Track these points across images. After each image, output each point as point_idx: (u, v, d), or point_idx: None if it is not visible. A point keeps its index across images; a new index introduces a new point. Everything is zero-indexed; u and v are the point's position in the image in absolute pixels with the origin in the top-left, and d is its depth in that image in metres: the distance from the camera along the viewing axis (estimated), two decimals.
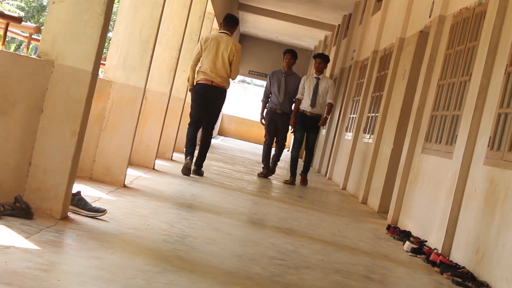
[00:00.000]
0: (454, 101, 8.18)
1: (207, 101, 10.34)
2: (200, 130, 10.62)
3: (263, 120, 13.12)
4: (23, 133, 4.82)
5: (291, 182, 12.74)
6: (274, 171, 13.25)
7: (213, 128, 10.67)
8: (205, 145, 10.53)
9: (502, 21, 7.06)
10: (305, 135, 12.93)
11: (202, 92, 10.30)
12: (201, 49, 10.43)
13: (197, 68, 10.43)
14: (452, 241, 7.09)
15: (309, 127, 12.80)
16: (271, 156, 13.14)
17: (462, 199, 7.11)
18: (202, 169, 10.58)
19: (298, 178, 13.27)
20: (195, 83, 10.41)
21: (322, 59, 12.93)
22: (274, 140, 13.19)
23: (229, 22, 10.69)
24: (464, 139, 7.19)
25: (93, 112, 7.06)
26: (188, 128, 10.50)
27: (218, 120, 10.97)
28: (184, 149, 11.15)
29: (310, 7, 22.51)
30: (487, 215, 6.37)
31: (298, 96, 12.79)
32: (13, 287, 3.20)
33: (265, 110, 13.15)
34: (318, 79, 12.80)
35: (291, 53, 13.06)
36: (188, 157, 10.24)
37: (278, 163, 13.45)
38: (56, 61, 4.92)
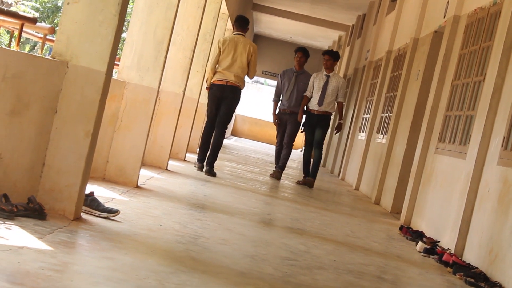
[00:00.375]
0: (468, 101, 8.16)
1: (221, 100, 10.68)
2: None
3: (276, 120, 12.88)
4: (37, 133, 4.84)
5: (304, 183, 12.45)
6: (279, 177, 12.53)
7: (226, 127, 10.90)
8: (217, 144, 10.72)
9: None
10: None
11: (218, 93, 10.66)
12: (220, 50, 10.78)
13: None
14: (465, 242, 7.07)
15: (317, 124, 12.40)
16: (280, 160, 12.73)
17: (475, 200, 7.09)
18: (215, 169, 10.69)
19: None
20: (212, 83, 10.78)
21: (330, 56, 12.56)
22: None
23: (242, 23, 11.06)
24: (477, 139, 7.17)
25: (107, 112, 7.08)
26: (204, 127, 10.98)
27: (231, 120, 11.42)
28: (198, 149, 11.42)
29: (324, 8, 22.49)
30: (500, 215, 6.35)
31: (307, 93, 12.44)
32: (26, 287, 3.21)
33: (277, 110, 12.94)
34: (328, 76, 12.41)
35: (302, 51, 12.72)
36: (199, 162, 10.84)
37: (289, 162, 13.15)
38: (71, 62, 4.94)
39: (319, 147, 12.51)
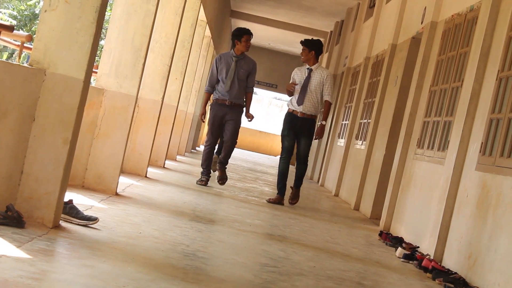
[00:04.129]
0: (446, 107, 8.20)
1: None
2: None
3: (203, 117, 11.26)
4: (15, 141, 4.82)
5: (278, 201, 10.26)
6: (226, 177, 10.80)
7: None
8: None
9: (493, 27, 7.09)
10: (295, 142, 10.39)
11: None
12: None
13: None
14: (444, 247, 7.10)
15: (301, 131, 10.32)
16: (219, 158, 10.84)
17: (454, 205, 7.12)
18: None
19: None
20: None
21: (305, 46, 10.39)
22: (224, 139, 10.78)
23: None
24: (456, 145, 7.21)
25: (85, 120, 7.05)
26: None
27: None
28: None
29: (302, 14, 22.54)
30: (479, 220, 6.38)
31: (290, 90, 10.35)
32: None
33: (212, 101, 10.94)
34: (310, 70, 10.32)
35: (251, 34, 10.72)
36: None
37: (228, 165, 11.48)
38: (48, 70, 4.92)
39: (305, 162, 10.53)
